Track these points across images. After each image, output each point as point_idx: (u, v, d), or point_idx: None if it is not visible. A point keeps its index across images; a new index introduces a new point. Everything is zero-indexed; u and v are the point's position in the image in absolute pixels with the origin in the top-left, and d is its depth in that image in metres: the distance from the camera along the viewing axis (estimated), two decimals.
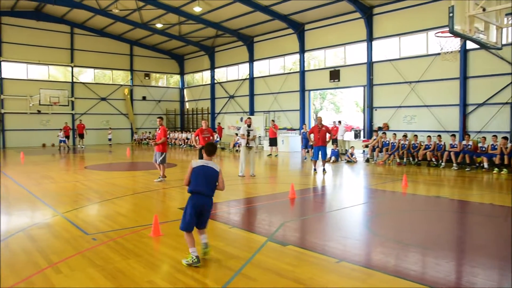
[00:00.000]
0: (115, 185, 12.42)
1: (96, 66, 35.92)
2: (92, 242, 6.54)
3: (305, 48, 27.41)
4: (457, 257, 6.05)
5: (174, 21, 30.09)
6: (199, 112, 37.83)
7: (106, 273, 5.19)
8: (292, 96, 28.32)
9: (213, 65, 35.82)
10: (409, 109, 21.63)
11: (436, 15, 19.29)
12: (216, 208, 9.31)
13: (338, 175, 15.58)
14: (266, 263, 5.54)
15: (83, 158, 22.80)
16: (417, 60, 21.15)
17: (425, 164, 17.75)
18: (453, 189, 11.93)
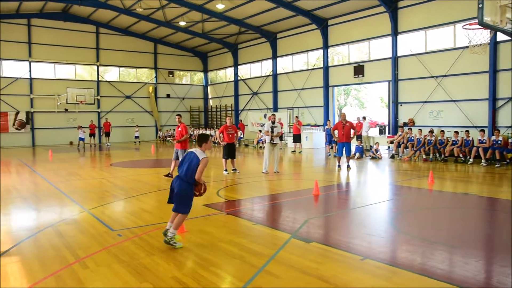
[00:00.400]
0: (140, 182, 12.58)
1: (121, 65, 36.46)
2: (118, 238, 6.63)
3: (328, 43, 27.15)
4: (486, 256, 5.89)
5: (197, 18, 30.24)
6: (222, 109, 37.98)
7: (131, 268, 5.26)
8: (316, 92, 28.12)
9: (237, 62, 35.87)
10: (436, 104, 21.19)
11: (464, 7, 18.80)
12: (240, 205, 9.34)
13: (362, 172, 15.40)
14: (289, 260, 5.51)
15: (108, 155, 23.18)
16: (444, 54, 20.68)
17: (452, 160, 17.36)
18: (481, 186, 11.64)
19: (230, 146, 14.31)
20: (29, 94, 31.92)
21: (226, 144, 14.26)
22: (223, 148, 14.42)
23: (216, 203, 9.48)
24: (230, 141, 14.30)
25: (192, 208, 8.79)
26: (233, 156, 14.41)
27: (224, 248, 6.06)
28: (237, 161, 15.98)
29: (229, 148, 14.28)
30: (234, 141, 14.54)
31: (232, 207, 9.19)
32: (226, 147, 14.28)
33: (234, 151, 14.46)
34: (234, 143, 14.54)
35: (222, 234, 6.79)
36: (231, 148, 14.32)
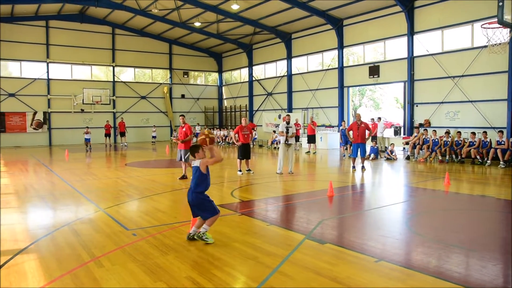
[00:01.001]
0: (155, 182, 12.67)
1: (136, 65, 36.81)
2: (132, 237, 6.68)
3: (343, 44, 27.02)
4: (504, 259, 5.78)
5: (212, 19, 30.36)
6: (237, 110, 38.05)
7: (145, 268, 5.29)
8: (331, 93, 28.01)
9: (251, 63, 35.91)
10: (452, 104, 20.92)
11: (482, 6, 18.55)
12: (254, 206, 9.34)
13: (377, 173, 15.28)
14: (303, 261, 5.49)
15: (123, 155, 23.40)
16: (461, 54, 20.41)
17: (469, 162, 17.13)
18: (499, 188, 11.45)
19: (245, 147, 14.31)
20: (46, 95, 32.43)
21: (242, 145, 14.27)
22: (238, 149, 14.44)
23: (230, 203, 9.50)
24: (246, 141, 14.31)
25: None
26: (248, 157, 14.42)
27: (238, 248, 6.07)
28: (251, 162, 15.98)
29: (244, 149, 14.29)
30: (249, 141, 14.55)
31: (246, 207, 9.19)
32: (241, 147, 14.29)
33: (249, 151, 14.47)
34: (249, 143, 14.55)
35: (236, 235, 6.79)
36: (246, 149, 14.33)
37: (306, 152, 22.89)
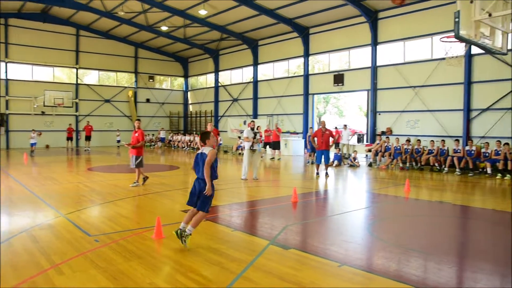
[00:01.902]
0: (118, 187, 12.44)
1: (101, 68, 36.09)
2: (94, 243, 6.55)
3: (309, 51, 27.44)
4: (459, 262, 6.03)
5: (179, 23, 30.21)
6: (202, 115, 37.90)
7: (108, 274, 5.20)
8: (296, 100, 28.34)
9: (217, 68, 35.91)
10: (413, 113, 21.60)
11: (441, 20, 19.27)
12: (219, 211, 9.33)
13: (340, 179, 15.56)
14: (268, 266, 5.53)
15: (86, 159, 22.86)
16: (422, 65, 21.13)
17: (428, 169, 17.70)
18: (456, 194, 11.89)
19: None
20: (4, 96, 31.23)
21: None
22: None
23: None
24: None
25: (170, 214, 8.79)
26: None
27: (203, 254, 6.05)
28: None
29: None
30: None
31: (211, 213, 9.13)
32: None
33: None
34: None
35: (201, 240, 6.77)
36: None
37: (271, 158, 23.04)
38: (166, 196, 11.02)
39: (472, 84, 19.18)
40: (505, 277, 5.28)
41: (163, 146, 34.77)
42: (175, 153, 28.54)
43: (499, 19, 9.82)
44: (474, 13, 8.99)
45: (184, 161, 22.55)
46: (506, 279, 5.23)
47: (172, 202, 10.35)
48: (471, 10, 9.01)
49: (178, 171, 17.25)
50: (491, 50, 10.21)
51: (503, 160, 15.32)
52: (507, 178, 14.93)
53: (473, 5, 8.99)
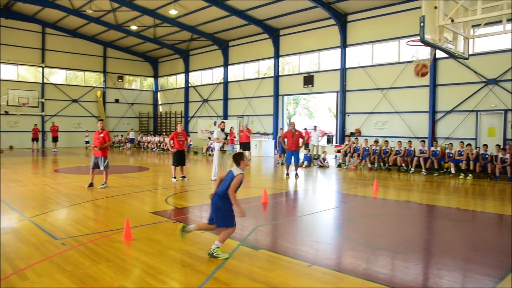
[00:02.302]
0: (86, 189, 12.19)
1: (68, 67, 35.21)
2: (61, 247, 6.40)
3: (279, 53, 27.61)
4: (424, 259, 6.20)
5: (149, 23, 29.85)
6: (172, 116, 37.58)
7: (75, 278, 5.10)
8: (266, 101, 28.46)
9: (188, 69, 35.68)
10: (381, 115, 22.04)
11: (408, 24, 19.74)
12: (189, 212, 9.29)
13: (310, 180, 15.73)
14: (238, 267, 5.55)
15: (53, 161, 22.29)
16: (389, 67, 21.60)
17: (395, 169, 18.11)
18: (421, 194, 12.21)
19: (180, 153, 14.19)
20: None
21: (176, 151, 14.14)
22: (173, 155, 14.28)
23: (165, 210, 9.38)
24: (181, 148, 14.19)
25: (139, 216, 8.69)
26: (182, 163, 14.29)
27: (173, 255, 6.01)
28: (186, 169, 15.85)
29: (179, 155, 14.15)
30: (184, 148, 14.42)
31: (181, 214, 9.12)
32: (176, 154, 14.14)
33: (183, 158, 14.34)
34: (184, 150, 14.42)
35: (171, 242, 6.72)
36: (181, 155, 14.20)
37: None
38: (135, 198, 10.88)
39: (437, 87, 19.76)
40: (467, 273, 5.47)
41: (133, 147, 34.27)
42: (144, 154, 28.18)
43: (461, 25, 10.17)
44: (438, 19, 9.26)
45: (153, 162, 22.30)
46: (468, 274, 5.42)
47: (141, 203, 10.22)
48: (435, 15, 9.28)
49: (147, 172, 17.05)
50: (454, 55, 10.55)
51: (465, 161, 15.84)
52: (469, 177, 15.45)
53: (437, 11, 9.27)
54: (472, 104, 18.50)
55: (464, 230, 8.01)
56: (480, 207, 10.27)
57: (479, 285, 5.01)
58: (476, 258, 6.11)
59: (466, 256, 6.21)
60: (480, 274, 5.38)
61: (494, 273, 5.42)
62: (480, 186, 13.83)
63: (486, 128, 18.28)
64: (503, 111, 17.64)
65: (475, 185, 14.01)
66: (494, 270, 5.54)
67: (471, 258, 6.09)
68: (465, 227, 8.32)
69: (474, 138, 18.34)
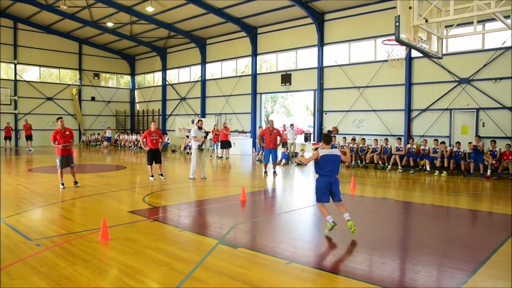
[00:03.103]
0: (61, 189, 11.96)
1: (42, 64, 34.41)
2: (36, 248, 6.28)
3: (257, 51, 27.63)
4: (401, 255, 6.31)
5: (125, 20, 29.46)
6: (149, 114, 37.21)
7: (50, 280, 5.01)
8: (244, 99, 28.45)
9: (165, 67, 35.37)
10: (358, 113, 22.29)
11: (384, 24, 20.00)
12: (166, 211, 9.23)
13: (288, 178, 15.81)
14: (217, 265, 5.55)
15: (27, 160, 21.82)
16: (366, 66, 21.85)
17: (372, 166, 18.36)
18: (398, 191, 12.42)
19: (154, 152, 13.93)
20: None
21: (150, 150, 13.91)
22: (147, 154, 14.06)
23: (142, 209, 9.29)
24: (154, 146, 13.92)
25: (117, 215, 8.59)
26: (158, 161, 14.05)
27: (150, 255, 5.97)
28: (164, 167, 15.75)
29: (153, 154, 13.91)
30: (158, 146, 14.14)
31: (159, 213, 9.05)
32: (149, 152, 13.90)
33: (158, 156, 14.06)
34: (158, 148, 14.14)
35: (148, 241, 6.67)
36: (155, 154, 13.95)
37: (219, 157, 23.00)
38: (112, 197, 10.75)
39: (412, 85, 20.09)
40: (442, 268, 5.59)
41: (109, 146, 33.82)
42: (122, 152, 27.83)
43: (435, 25, 10.38)
44: (412, 19, 9.43)
45: (131, 160, 22.05)
46: (443, 269, 5.54)
47: (118, 203, 10.11)
48: (410, 15, 9.44)
49: (125, 171, 16.86)
50: (429, 54, 10.76)
51: (440, 158, 16.18)
52: (444, 174, 15.79)
53: (412, 11, 9.43)
54: (446, 103, 18.89)
55: (439, 226, 8.18)
56: (454, 203, 10.51)
57: (453, 279, 5.13)
58: (450, 253, 6.25)
59: (441, 251, 6.35)
60: (454, 268, 5.50)
61: (466, 267, 5.56)
62: (454, 183, 14.14)
63: (459, 126, 18.71)
64: (475, 110, 18.07)
65: (449, 182, 14.32)
66: (466, 264, 5.68)
67: (445, 253, 6.23)
68: (440, 223, 8.50)
69: (448, 136, 18.73)
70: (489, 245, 6.66)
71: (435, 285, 5.02)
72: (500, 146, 15.66)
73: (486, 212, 9.63)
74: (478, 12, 9.32)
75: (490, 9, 9.05)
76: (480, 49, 17.98)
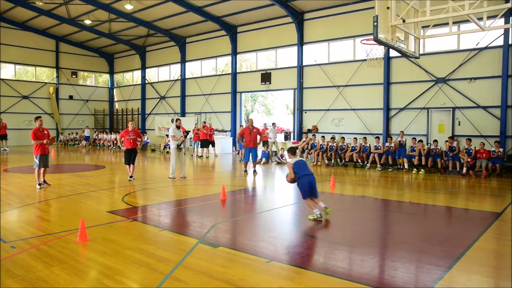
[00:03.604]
0: (38, 189, 11.76)
1: (17, 62, 33.67)
2: (11, 250, 6.15)
3: (237, 50, 27.59)
4: (380, 253, 6.39)
5: (104, 18, 29.06)
6: (129, 113, 36.81)
7: (26, 283, 4.91)
8: (224, 98, 28.39)
9: (144, 65, 35.03)
10: (337, 112, 22.47)
11: (362, 24, 20.20)
12: (146, 211, 9.16)
13: (268, 177, 15.85)
14: (197, 265, 5.53)
15: (2, 160, 21.34)
16: (345, 65, 22.04)
17: (351, 165, 18.54)
18: (377, 189, 12.58)
19: (130, 152, 13.63)
20: None
21: (127, 150, 13.60)
22: (124, 154, 13.79)
23: (121, 209, 9.19)
24: (131, 146, 13.59)
25: (95, 216, 8.49)
26: (132, 161, 13.69)
27: (130, 255, 5.91)
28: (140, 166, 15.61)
29: (129, 154, 13.61)
30: (136, 146, 13.84)
31: (138, 213, 8.98)
32: (126, 152, 13.61)
33: (133, 156, 13.73)
34: (135, 148, 13.82)
35: (128, 241, 6.61)
36: (131, 154, 13.65)
37: (199, 156, 22.91)
38: (91, 197, 10.61)
39: (390, 84, 20.36)
40: (420, 264, 5.69)
41: (88, 145, 33.34)
42: (100, 152, 27.47)
43: (412, 26, 10.55)
44: (390, 19, 9.56)
45: (110, 160, 21.79)
46: (421, 265, 5.64)
47: (97, 203, 9.98)
48: (388, 15, 9.57)
49: (104, 171, 16.66)
50: (406, 54, 10.93)
51: (417, 156, 16.44)
52: (421, 172, 16.05)
53: (390, 11, 9.56)
54: (424, 102, 19.20)
55: (416, 223, 8.32)
56: (431, 201, 10.70)
57: (430, 275, 5.22)
58: (427, 249, 6.36)
59: (418, 248, 6.46)
60: (431, 264, 5.61)
61: (443, 262, 5.68)
62: (431, 181, 14.39)
63: (436, 124, 19.04)
64: (451, 109, 18.42)
65: (426, 180, 14.57)
66: (443, 260, 5.79)
67: (423, 250, 6.34)
68: (417, 220, 8.64)
69: (425, 134, 19.05)
70: (465, 241, 6.82)
71: (413, 281, 5.10)
72: (474, 144, 15.99)
73: (462, 208, 9.84)
74: (453, 13, 9.52)
75: (464, 11, 9.25)
76: (456, 49, 18.34)
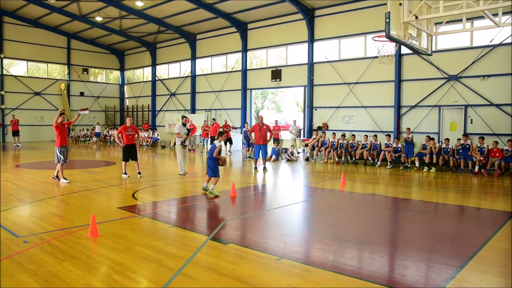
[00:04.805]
0: (50, 184, 11.88)
1: (30, 59, 33.98)
2: (23, 245, 6.21)
3: (247, 47, 27.56)
4: (390, 251, 6.35)
5: (114, 15, 29.19)
6: (139, 109, 37.00)
7: (38, 277, 4.96)
8: (234, 95, 28.40)
9: (155, 62, 35.15)
10: (348, 109, 22.36)
11: (374, 20, 20.08)
12: (156, 207, 9.19)
13: (278, 174, 15.82)
14: (206, 262, 5.54)
15: (15, 156, 21.57)
16: (356, 62, 21.90)
17: (362, 163, 18.43)
18: (387, 187, 12.49)
19: (130, 148, 13.52)
20: None
21: (125, 146, 13.50)
22: (123, 150, 13.69)
23: (132, 205, 9.24)
24: (130, 142, 13.50)
25: (106, 211, 8.54)
26: (134, 158, 13.63)
27: (140, 251, 5.94)
28: (150, 163, 15.65)
29: (128, 150, 13.51)
30: (134, 142, 13.71)
31: (148, 209, 9.01)
32: (125, 148, 13.52)
33: (134, 152, 13.66)
34: (134, 144, 13.72)
35: (138, 237, 6.64)
36: (130, 150, 13.55)
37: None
38: (101, 193, 10.68)
39: (402, 82, 20.19)
40: (430, 263, 5.64)
41: (99, 141, 33.57)
42: (111, 148, 27.65)
43: (425, 22, 10.43)
44: (403, 15, 9.46)
45: (120, 156, 21.85)
46: (431, 264, 5.59)
47: (108, 199, 10.04)
48: (400, 12, 9.48)
49: (114, 167, 16.76)
50: (418, 51, 10.81)
51: (429, 154, 16.29)
52: (432, 170, 15.91)
53: (402, 8, 9.46)
54: (435, 99, 19.02)
55: (427, 222, 8.25)
56: (442, 199, 10.60)
57: (441, 275, 5.17)
58: (438, 248, 6.30)
59: (429, 247, 6.39)
60: (442, 263, 5.55)
61: (454, 262, 5.62)
62: (442, 179, 14.26)
63: (448, 122, 18.86)
64: (464, 106, 18.23)
65: (437, 178, 14.43)
66: (454, 259, 5.73)
67: (434, 249, 6.28)
68: (428, 218, 8.57)
69: (437, 132, 18.88)
70: (476, 240, 6.74)
71: (424, 280, 5.06)
72: (487, 142, 15.80)
73: (474, 207, 9.73)
74: (467, 9, 9.39)
75: (479, 7, 9.13)
76: (469, 46, 18.12)
